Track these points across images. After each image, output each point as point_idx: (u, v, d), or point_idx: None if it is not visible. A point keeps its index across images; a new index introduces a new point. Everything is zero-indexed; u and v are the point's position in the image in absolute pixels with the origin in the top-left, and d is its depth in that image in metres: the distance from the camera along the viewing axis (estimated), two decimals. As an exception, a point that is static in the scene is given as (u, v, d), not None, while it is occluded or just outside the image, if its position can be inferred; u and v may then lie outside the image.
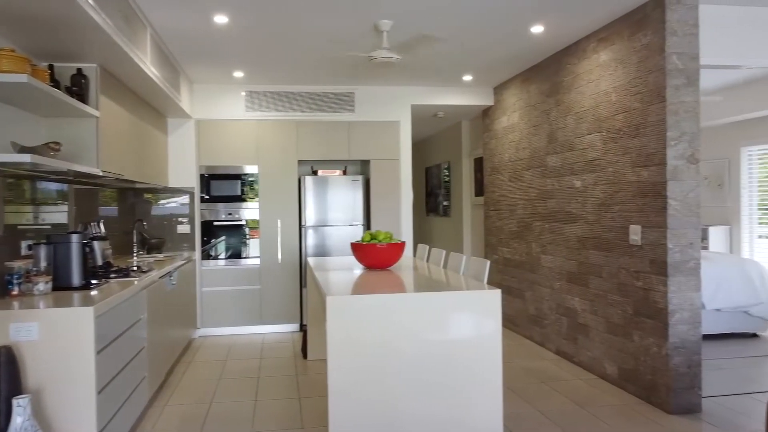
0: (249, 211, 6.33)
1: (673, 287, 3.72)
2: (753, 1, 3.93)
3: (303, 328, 6.41)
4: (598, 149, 4.52)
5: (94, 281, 3.39)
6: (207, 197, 6.27)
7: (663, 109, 3.74)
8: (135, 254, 4.91)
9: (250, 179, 6.33)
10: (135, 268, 4.11)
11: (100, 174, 3.75)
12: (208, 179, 6.27)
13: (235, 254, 6.31)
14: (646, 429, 3.50)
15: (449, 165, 8.59)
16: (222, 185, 6.31)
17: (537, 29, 4.50)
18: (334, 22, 4.25)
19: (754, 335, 5.79)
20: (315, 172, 6.58)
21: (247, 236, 6.32)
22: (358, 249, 4.04)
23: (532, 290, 5.72)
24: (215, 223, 6.28)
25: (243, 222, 6.32)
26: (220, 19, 4.13)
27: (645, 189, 3.94)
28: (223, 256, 6.28)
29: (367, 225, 6.64)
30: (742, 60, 4.05)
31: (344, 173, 6.62)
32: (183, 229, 6.19)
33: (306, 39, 4.67)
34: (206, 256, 6.26)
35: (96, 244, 4.02)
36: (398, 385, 2.93)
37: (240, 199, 6.32)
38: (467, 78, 6.14)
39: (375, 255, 3.99)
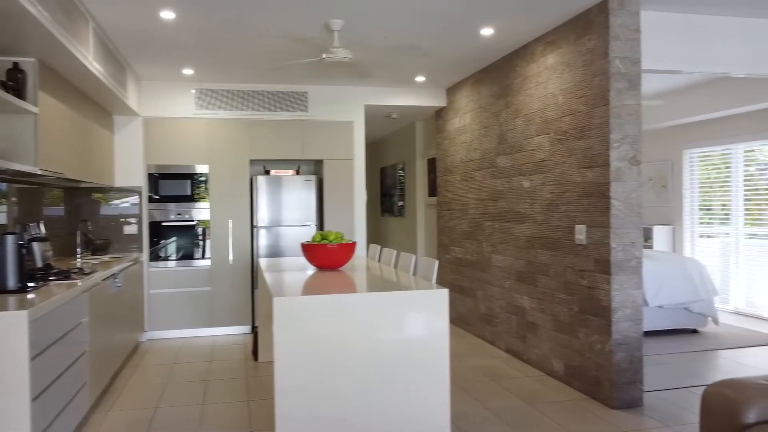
0: (201, 211, 6.22)
1: (616, 285, 3.83)
2: (692, 9, 4.08)
3: (254, 330, 6.33)
4: (546, 150, 4.61)
5: (31, 284, 3.27)
6: (157, 197, 6.12)
7: (606, 111, 3.85)
8: (78, 256, 4.75)
9: (201, 179, 6.21)
10: (77, 270, 3.98)
11: (39, 173, 3.62)
12: (157, 179, 6.13)
13: (187, 255, 6.18)
14: (590, 424, 3.58)
15: (404, 165, 8.63)
16: (171, 185, 6.17)
17: (487, 31, 4.56)
18: (285, 20, 4.21)
19: (695, 331, 6.01)
20: (267, 172, 6.51)
21: (200, 237, 6.20)
22: (308, 249, 4.01)
23: (483, 289, 5.80)
24: (164, 224, 6.14)
25: (194, 222, 6.20)
26: (167, 14, 4.04)
27: (590, 190, 4.04)
28: (174, 257, 6.15)
29: (321, 225, 6.61)
30: (682, 65, 4.19)
31: (297, 173, 6.58)
32: (130, 229, 6.04)
33: (257, 37, 4.61)
34: (155, 257, 6.12)
35: (35, 246, 3.88)
36: (346, 385, 2.92)
37: (191, 199, 6.20)
38: (420, 79, 6.18)
39: (325, 255, 3.97)
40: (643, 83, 6.60)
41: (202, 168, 6.21)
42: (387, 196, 9.52)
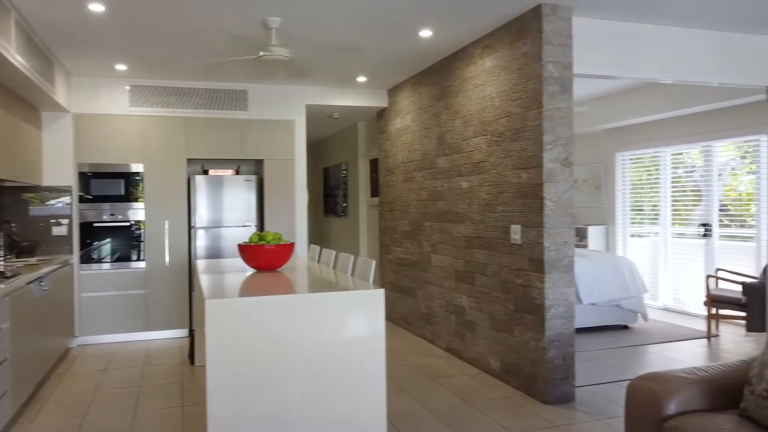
0: (136, 211, 6.02)
1: (549, 284, 3.93)
2: (622, 17, 4.22)
3: (191, 334, 6.18)
4: (483, 152, 4.68)
5: (-56, 288, 3.09)
6: (89, 197, 5.89)
7: (540, 114, 3.94)
8: (1, 258, 4.52)
9: (136, 178, 6.02)
10: (-2, 274, 3.78)
11: (-45, 171, 3.42)
12: (89, 178, 5.90)
13: (122, 257, 5.97)
14: (523, 420, 3.66)
15: (347, 166, 8.61)
16: (105, 184, 5.95)
17: (426, 33, 4.60)
18: (222, 17, 4.12)
19: (626, 327, 6.24)
20: (206, 172, 6.37)
21: (135, 238, 6.00)
22: (245, 250, 3.94)
23: (423, 289, 5.85)
24: (97, 225, 5.91)
25: (129, 223, 6.00)
26: (96, 7, 3.89)
27: (525, 190, 4.13)
28: (107, 259, 5.93)
29: (261, 226, 6.52)
30: (613, 71, 4.33)
31: (237, 173, 6.46)
32: (60, 231, 5.79)
33: (192, 34, 4.51)
34: (87, 259, 5.89)
35: (-49, 248, 3.66)
36: (281, 387, 2.89)
37: (125, 199, 6.00)
38: (361, 79, 6.18)
39: (263, 256, 3.91)
40: (579, 88, 6.81)
41: (137, 167, 6.02)
42: (330, 197, 9.48)
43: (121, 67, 5.49)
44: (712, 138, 6.70)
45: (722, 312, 5.98)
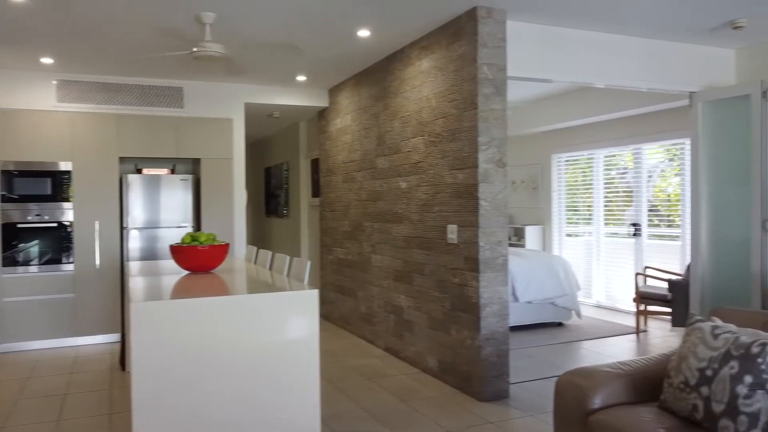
0: (65, 212, 5.76)
1: (484, 282, 3.99)
2: (557, 23, 4.33)
3: (123, 339, 5.97)
4: (421, 152, 4.71)
5: None
6: (15, 197, 5.60)
7: (475, 115, 4.00)
8: None
9: (64, 177, 5.76)
10: None
11: None
12: (13, 176, 5.61)
13: (49, 260, 5.70)
14: (458, 418, 3.70)
15: (288, 166, 8.52)
16: (30, 183, 5.67)
17: (364, 33, 4.59)
18: (153, 11, 3.99)
19: (560, 324, 6.41)
20: (140, 171, 6.17)
21: (64, 240, 5.74)
22: (177, 252, 3.82)
23: (363, 289, 5.84)
24: (21, 226, 5.63)
25: (57, 224, 5.73)
26: (16, -3, 3.71)
27: (460, 190, 4.18)
28: (34, 262, 5.65)
29: (198, 226, 6.36)
30: (547, 74, 4.43)
31: (172, 172, 6.29)
32: (-20, 232, 5.48)
33: (122, 27, 4.35)
34: (11, 262, 5.60)
35: None
36: (212, 393, 2.81)
37: (52, 198, 5.73)
38: (301, 78, 6.12)
39: (196, 257, 3.81)
40: (516, 90, 6.95)
41: (65, 165, 5.77)
42: (272, 197, 9.35)
43: (47, 60, 5.25)
44: (641, 141, 6.97)
45: (650, 308, 6.21)
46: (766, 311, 2.69)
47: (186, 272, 3.92)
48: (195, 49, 4.01)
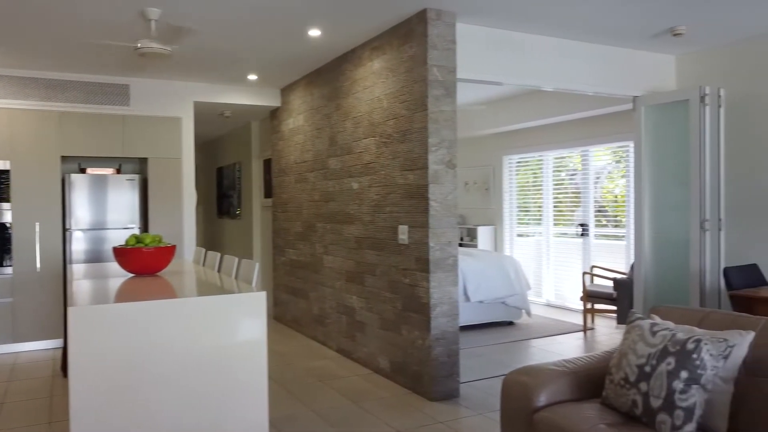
0: (4, 212, 5.52)
1: (435, 283, 4.01)
2: (507, 26, 4.39)
3: (65, 344, 5.76)
4: (373, 153, 4.71)
5: None
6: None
7: (425, 117, 4.02)
8: None
9: (2, 176, 5.52)
10: None
11: None
12: (-56, 176, 5.35)
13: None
14: (409, 417, 3.71)
15: (240, 166, 8.39)
16: (-35, 183, 5.42)
17: (314, 33, 4.55)
18: (96, 4, 3.86)
19: (511, 323, 6.50)
20: (83, 170, 5.97)
21: (3, 242, 5.51)
22: (121, 254, 3.71)
23: (316, 290, 5.80)
24: (-46, 227, 5.37)
25: (-7, 225, 5.50)
26: (-54, -13, 3.53)
27: (411, 191, 4.19)
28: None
29: (145, 227, 6.20)
30: (497, 77, 4.49)
31: (118, 172, 6.11)
32: None
33: (63, 20, 4.20)
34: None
35: None
36: (156, 399, 2.74)
37: (-11, 199, 5.49)
38: (252, 77, 6.03)
39: (140, 260, 3.70)
40: (469, 92, 7.03)
41: (3, 164, 5.53)
42: (225, 198, 9.19)
43: (-18, 54, 5.03)
44: (589, 143, 7.14)
45: (597, 306, 6.38)
46: (703, 309, 2.78)
47: (131, 275, 3.81)
48: (139, 46, 3.91)
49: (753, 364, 2.35)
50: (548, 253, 7.79)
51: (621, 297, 5.65)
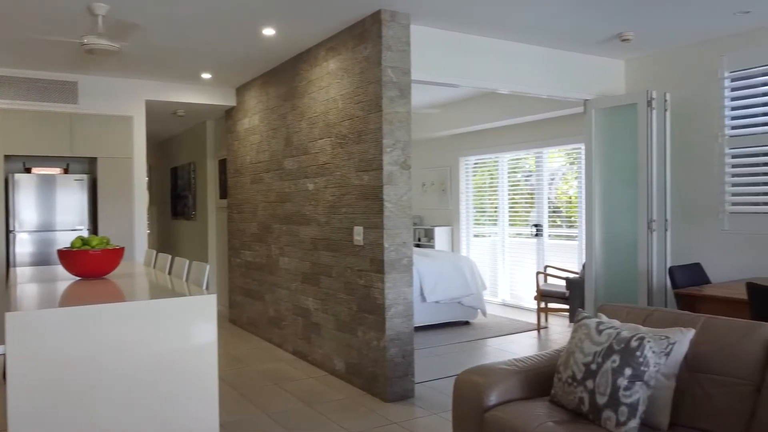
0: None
1: (389, 284, 4.01)
2: (462, 29, 4.42)
3: (12, 349, 5.55)
4: (328, 154, 4.69)
5: None
6: None
7: (380, 118, 4.02)
8: None
9: (-60, 176, 5.29)
10: None
11: None
12: None
13: None
14: (364, 419, 3.70)
15: (195, 166, 8.24)
16: None
17: (269, 32, 4.50)
18: (37, -1, 3.74)
19: (467, 323, 6.57)
20: (29, 170, 5.76)
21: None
22: (66, 256, 3.59)
23: (271, 292, 5.73)
24: None
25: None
26: None
27: (366, 192, 4.18)
28: None
29: (95, 229, 6.02)
30: (452, 79, 4.52)
31: (66, 171, 5.92)
32: None
33: (6, 14, 4.04)
34: None
35: None
36: (101, 405, 2.65)
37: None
38: (206, 76, 5.93)
39: (86, 262, 3.59)
40: (426, 94, 7.06)
41: (-59, 163, 5.30)
42: (180, 198, 9.01)
43: None
44: (543, 145, 7.27)
45: (551, 305, 6.50)
46: (648, 307, 2.86)
47: (77, 278, 3.70)
48: (86, 42, 3.79)
49: (693, 360, 2.43)
50: (504, 253, 7.90)
51: (573, 296, 5.77)
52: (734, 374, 2.31)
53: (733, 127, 4.68)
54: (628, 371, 2.27)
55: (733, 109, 4.68)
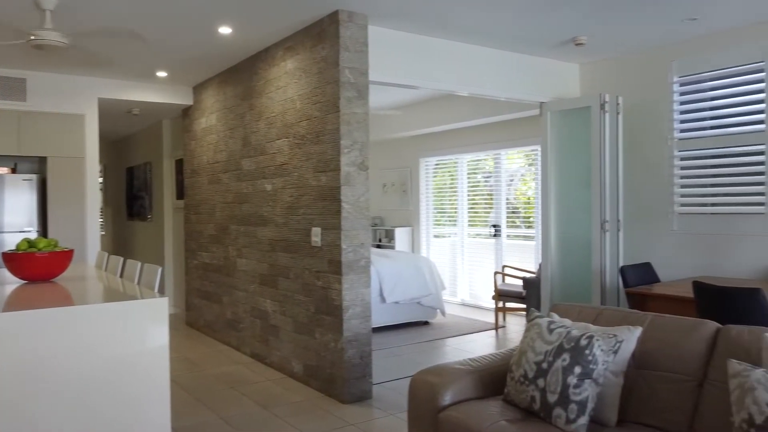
0: None
1: (347, 285, 4.00)
2: (420, 31, 4.44)
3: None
4: (286, 154, 4.65)
5: None
6: None
7: (338, 118, 4.00)
8: None
9: None
10: None
11: None
12: None
13: None
14: (321, 421, 3.68)
15: (151, 166, 8.07)
16: None
17: (225, 30, 4.44)
18: (-19, -8, 3.60)
19: (426, 323, 6.60)
20: (-27, 169, 5.55)
21: None
22: (10, 259, 3.46)
23: (229, 294, 5.66)
24: None
25: None
26: None
27: (324, 193, 4.17)
28: None
29: (44, 231, 5.84)
30: (411, 80, 4.54)
31: (13, 171, 5.72)
32: None
33: (-55, 8, 3.89)
34: None
35: None
36: (46, 413, 2.57)
37: None
38: (162, 74, 5.81)
39: (33, 266, 3.47)
40: (386, 95, 7.07)
41: None
42: (136, 199, 8.80)
43: None
44: (501, 147, 7.36)
45: (508, 305, 6.58)
46: (598, 306, 2.92)
47: (23, 282, 3.57)
48: (32, 37, 3.66)
49: (640, 357, 2.49)
50: (463, 254, 7.97)
51: (529, 295, 5.86)
52: (679, 370, 2.37)
53: (682, 131, 4.82)
54: (577, 369, 2.31)
55: (682, 113, 4.83)
